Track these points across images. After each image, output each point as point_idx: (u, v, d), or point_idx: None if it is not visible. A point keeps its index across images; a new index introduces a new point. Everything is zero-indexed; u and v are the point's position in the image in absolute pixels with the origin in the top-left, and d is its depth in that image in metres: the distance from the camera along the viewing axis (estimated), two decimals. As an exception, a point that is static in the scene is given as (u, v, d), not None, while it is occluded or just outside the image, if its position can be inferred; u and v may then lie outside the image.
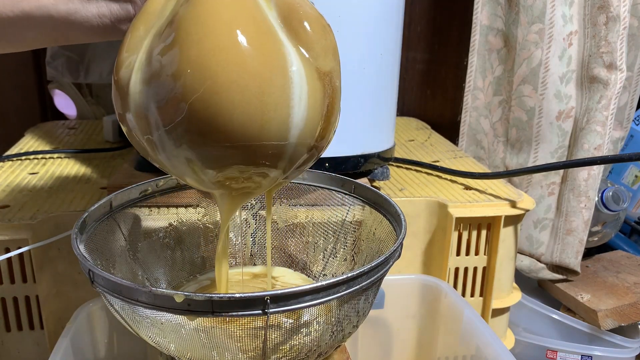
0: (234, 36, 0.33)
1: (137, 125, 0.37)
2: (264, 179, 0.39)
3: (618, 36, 0.87)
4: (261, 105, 0.33)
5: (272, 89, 0.33)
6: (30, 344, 0.66)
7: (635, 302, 0.92)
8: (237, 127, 0.33)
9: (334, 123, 0.39)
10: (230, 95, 0.32)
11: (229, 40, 0.33)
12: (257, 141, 0.34)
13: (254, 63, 0.33)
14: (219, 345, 0.41)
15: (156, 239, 0.55)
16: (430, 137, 1.04)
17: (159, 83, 0.34)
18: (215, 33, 0.33)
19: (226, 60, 0.32)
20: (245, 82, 0.33)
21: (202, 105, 0.33)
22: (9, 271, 0.63)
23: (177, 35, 0.33)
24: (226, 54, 0.32)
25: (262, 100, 0.33)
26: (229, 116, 0.33)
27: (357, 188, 0.55)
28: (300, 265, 0.59)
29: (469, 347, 0.62)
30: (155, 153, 0.38)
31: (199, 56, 0.32)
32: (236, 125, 0.33)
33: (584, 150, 0.91)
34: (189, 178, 0.39)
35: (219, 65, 0.32)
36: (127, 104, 0.37)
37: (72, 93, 1.13)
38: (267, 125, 0.34)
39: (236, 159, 0.35)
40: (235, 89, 0.32)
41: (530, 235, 0.99)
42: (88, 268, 0.40)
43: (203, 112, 0.33)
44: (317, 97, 0.36)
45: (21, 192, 0.72)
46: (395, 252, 0.44)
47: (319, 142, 0.38)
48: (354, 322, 0.45)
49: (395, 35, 0.72)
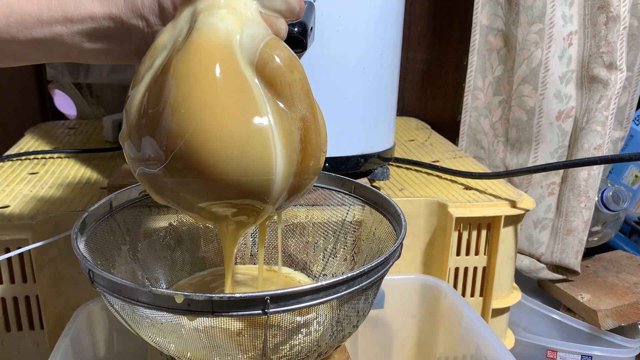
0: (217, 94, 0.37)
1: (133, 154, 0.40)
2: (254, 212, 0.42)
3: (618, 36, 0.87)
4: (240, 151, 0.37)
5: (250, 140, 0.37)
6: (30, 344, 0.66)
7: (635, 302, 0.92)
8: (221, 167, 0.37)
9: (314, 153, 0.41)
10: (214, 143, 0.37)
11: (213, 98, 0.37)
12: (237, 180, 0.38)
13: (233, 117, 0.37)
14: (219, 345, 0.41)
15: (156, 239, 0.55)
16: (430, 137, 1.04)
17: (151, 122, 0.38)
18: (201, 90, 0.37)
19: (210, 114, 0.37)
20: (225, 132, 0.37)
21: (189, 148, 0.37)
22: (9, 271, 0.63)
23: (170, 86, 0.37)
24: (210, 109, 0.37)
25: (241, 147, 0.37)
26: (214, 159, 0.37)
27: (357, 188, 0.55)
28: (300, 265, 0.59)
29: (469, 347, 0.62)
30: (149, 183, 0.41)
31: (186, 109, 0.37)
32: (220, 165, 0.37)
33: (584, 150, 0.91)
34: (182, 208, 0.42)
35: (203, 120, 0.37)
36: (127, 132, 0.40)
37: (72, 93, 1.13)
38: (246, 166, 0.38)
39: (222, 193, 0.39)
40: (217, 137, 0.37)
41: (530, 235, 0.99)
42: (88, 268, 0.40)
43: (189, 153, 0.37)
44: (292, 139, 0.39)
45: (21, 192, 0.72)
46: (395, 252, 0.44)
47: (301, 176, 0.41)
48: (354, 322, 0.45)
49: (395, 35, 0.72)
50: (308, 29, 0.56)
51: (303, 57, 0.64)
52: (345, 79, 0.67)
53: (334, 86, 0.66)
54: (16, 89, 1.15)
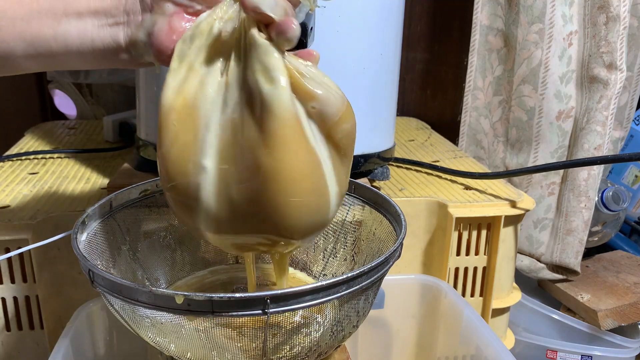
0: (301, 183, 0.41)
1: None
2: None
3: (618, 36, 0.87)
4: (316, 208, 0.42)
5: (319, 201, 0.42)
6: (30, 344, 0.66)
7: (635, 302, 0.92)
8: (299, 214, 0.42)
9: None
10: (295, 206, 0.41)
11: (299, 188, 0.41)
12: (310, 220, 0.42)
13: (308, 192, 0.41)
14: (219, 345, 0.41)
15: (156, 239, 0.55)
16: (430, 137, 1.04)
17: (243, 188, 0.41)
18: (286, 181, 0.40)
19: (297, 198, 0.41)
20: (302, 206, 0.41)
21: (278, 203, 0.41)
22: (9, 271, 0.63)
23: (258, 179, 0.40)
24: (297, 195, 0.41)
25: (316, 205, 0.42)
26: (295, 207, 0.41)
27: (357, 188, 0.55)
28: (300, 265, 0.59)
29: (469, 347, 0.62)
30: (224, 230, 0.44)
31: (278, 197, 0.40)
32: (298, 214, 0.41)
33: (584, 150, 0.91)
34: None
35: (291, 202, 0.41)
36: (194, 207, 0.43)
37: (72, 93, 1.13)
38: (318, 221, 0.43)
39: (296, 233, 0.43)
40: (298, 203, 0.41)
41: (530, 235, 0.99)
42: (88, 268, 0.40)
43: (279, 208, 0.41)
44: (343, 184, 0.45)
45: (21, 192, 0.72)
46: (395, 252, 0.44)
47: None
48: (354, 322, 0.45)
49: (395, 35, 0.72)
50: (308, 29, 0.56)
51: (303, 57, 0.64)
52: (345, 79, 0.67)
53: (334, 86, 0.66)
54: (16, 89, 1.15)
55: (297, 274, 0.59)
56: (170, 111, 0.41)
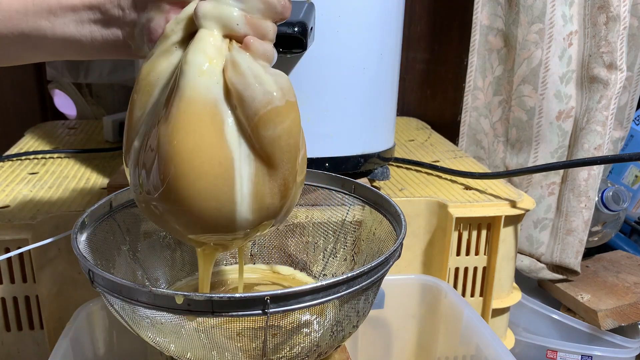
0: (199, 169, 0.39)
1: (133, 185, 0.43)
2: (228, 242, 0.44)
3: (618, 36, 0.87)
4: (216, 209, 0.39)
5: (221, 187, 0.39)
6: (30, 344, 0.66)
7: (635, 302, 0.92)
8: (196, 205, 0.39)
9: (289, 203, 0.43)
10: (193, 183, 0.39)
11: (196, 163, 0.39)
12: (210, 217, 0.40)
13: (207, 184, 0.39)
14: (219, 345, 0.41)
15: (156, 239, 0.55)
16: (430, 137, 1.04)
17: (147, 163, 0.40)
18: (186, 150, 0.38)
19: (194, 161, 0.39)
20: (200, 176, 0.39)
21: (172, 188, 0.39)
22: (9, 271, 0.63)
23: (159, 148, 0.39)
24: (193, 157, 0.38)
25: (216, 205, 0.39)
26: (191, 197, 0.39)
27: (357, 188, 0.55)
28: (300, 265, 0.59)
29: (469, 347, 0.62)
30: (143, 207, 0.43)
31: (175, 168, 0.39)
32: (196, 203, 0.39)
33: (584, 150, 0.91)
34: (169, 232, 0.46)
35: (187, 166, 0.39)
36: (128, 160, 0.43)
37: (72, 93, 1.13)
38: (217, 207, 0.40)
39: (197, 227, 0.41)
40: (195, 179, 0.39)
41: (530, 235, 0.99)
42: (88, 268, 0.40)
43: (173, 193, 0.39)
44: (263, 199, 0.41)
45: (21, 192, 0.72)
46: (395, 252, 0.44)
47: (274, 216, 0.43)
48: (354, 322, 0.45)
49: (395, 35, 0.72)
50: (308, 29, 0.56)
51: (303, 57, 0.64)
52: (345, 78, 0.67)
53: (334, 86, 0.66)
54: (16, 89, 1.15)
55: (297, 274, 0.59)
56: (136, 83, 0.42)
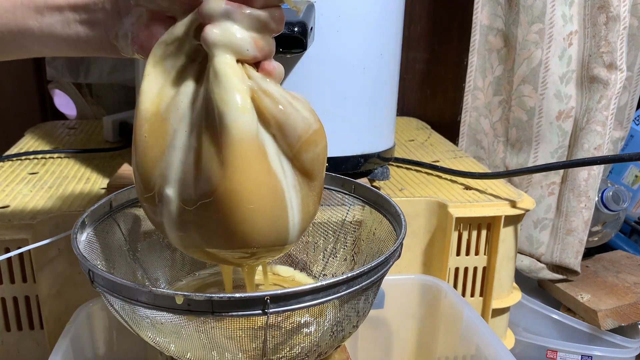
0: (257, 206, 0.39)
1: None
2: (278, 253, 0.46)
3: (618, 36, 0.87)
4: (275, 233, 0.41)
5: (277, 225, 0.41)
6: (30, 344, 0.66)
7: (635, 302, 0.92)
8: (259, 241, 0.41)
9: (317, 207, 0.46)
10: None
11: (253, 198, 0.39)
12: (269, 243, 0.41)
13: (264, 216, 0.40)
14: (219, 346, 0.41)
15: (156, 239, 0.55)
16: (430, 137, 1.04)
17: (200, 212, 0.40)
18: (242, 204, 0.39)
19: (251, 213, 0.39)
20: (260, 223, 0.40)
21: (234, 232, 0.40)
22: (9, 271, 0.63)
23: (216, 193, 0.39)
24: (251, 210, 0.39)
25: (275, 230, 0.41)
26: (254, 234, 0.40)
27: (357, 188, 0.55)
28: (300, 265, 0.59)
29: (469, 347, 0.62)
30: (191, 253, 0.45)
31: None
32: (258, 239, 0.40)
33: (584, 150, 0.91)
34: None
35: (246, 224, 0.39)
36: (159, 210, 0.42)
37: (72, 93, 1.13)
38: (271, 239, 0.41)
39: (254, 257, 0.43)
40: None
41: (530, 235, 0.99)
42: (88, 268, 0.40)
43: (238, 235, 0.40)
44: (310, 209, 0.43)
45: (21, 192, 0.72)
46: (395, 252, 0.44)
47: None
48: (354, 322, 0.45)
49: (395, 35, 0.72)
50: (308, 29, 0.56)
51: (303, 57, 0.64)
52: (345, 79, 0.67)
53: (334, 86, 0.66)
54: (16, 89, 1.15)
55: (297, 274, 0.59)
56: (144, 123, 0.40)
